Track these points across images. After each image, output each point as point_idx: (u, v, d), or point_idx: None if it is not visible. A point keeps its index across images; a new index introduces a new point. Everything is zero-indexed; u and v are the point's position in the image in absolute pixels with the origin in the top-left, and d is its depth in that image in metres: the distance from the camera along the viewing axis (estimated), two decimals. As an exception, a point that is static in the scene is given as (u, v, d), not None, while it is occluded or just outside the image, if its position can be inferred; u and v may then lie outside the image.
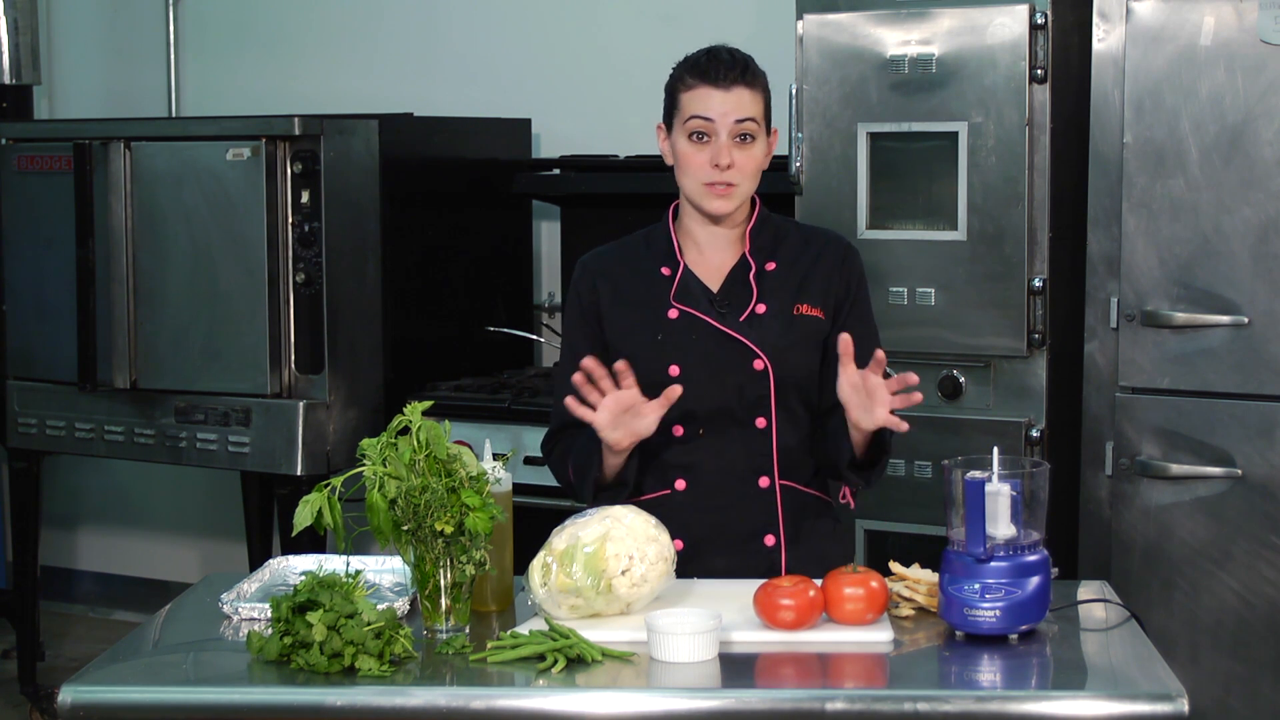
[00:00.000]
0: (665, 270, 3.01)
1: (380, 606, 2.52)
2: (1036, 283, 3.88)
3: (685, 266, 3.01)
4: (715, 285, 3.00)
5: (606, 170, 4.96)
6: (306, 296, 4.58)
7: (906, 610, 2.66)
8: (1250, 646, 3.75)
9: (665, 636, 2.45)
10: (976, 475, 2.52)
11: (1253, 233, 3.69)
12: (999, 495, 2.52)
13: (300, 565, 2.91)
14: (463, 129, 5.10)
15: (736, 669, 2.45)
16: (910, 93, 3.95)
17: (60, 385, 4.94)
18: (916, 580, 2.68)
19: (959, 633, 2.54)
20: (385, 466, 2.57)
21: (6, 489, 5.78)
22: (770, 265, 3.00)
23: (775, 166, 3.12)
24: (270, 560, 2.97)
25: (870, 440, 2.85)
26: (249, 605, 2.70)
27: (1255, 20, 3.65)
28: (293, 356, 4.61)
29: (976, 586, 2.51)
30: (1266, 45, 3.65)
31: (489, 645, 2.51)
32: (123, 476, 6.08)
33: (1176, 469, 3.78)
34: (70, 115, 6.12)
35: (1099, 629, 2.64)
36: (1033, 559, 2.53)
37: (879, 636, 2.54)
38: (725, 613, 2.54)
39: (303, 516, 2.57)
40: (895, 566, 2.73)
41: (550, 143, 5.29)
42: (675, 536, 2.82)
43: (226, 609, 2.71)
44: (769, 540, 2.97)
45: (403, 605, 2.67)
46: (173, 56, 5.91)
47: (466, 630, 2.60)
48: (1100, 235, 3.87)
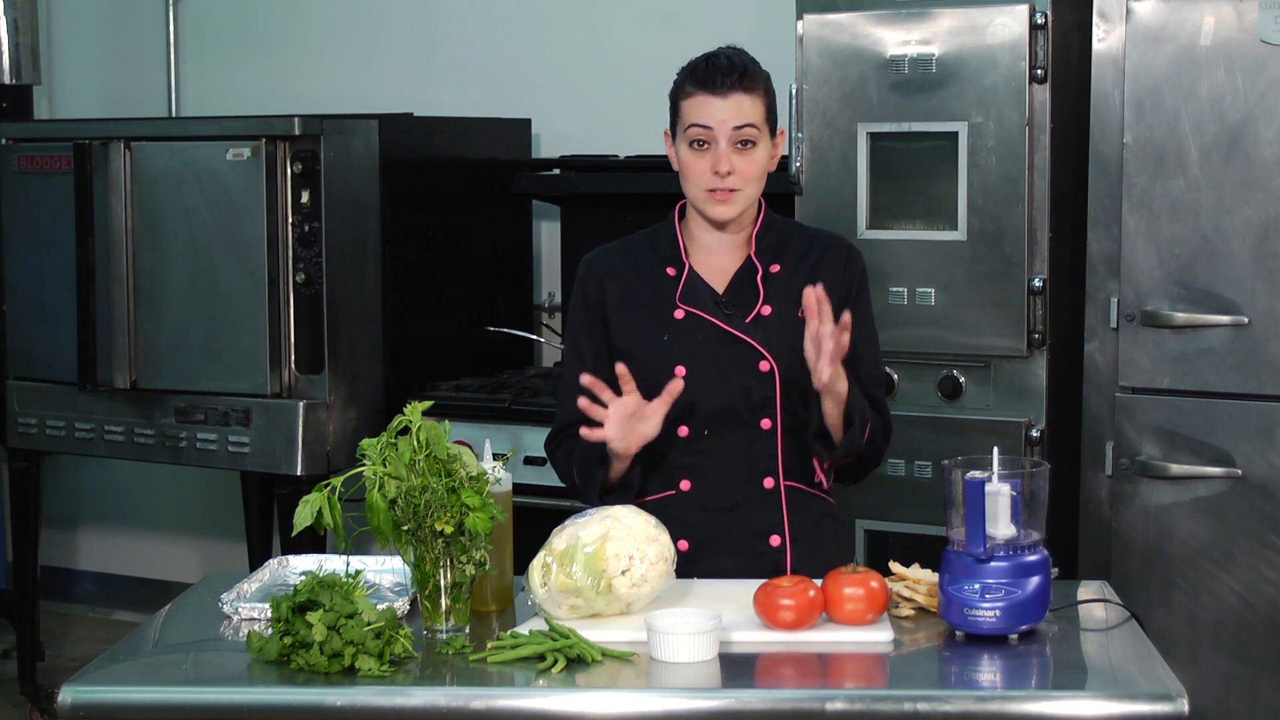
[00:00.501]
0: (670, 271, 3.01)
1: (380, 606, 2.52)
2: (1036, 283, 3.88)
3: (690, 268, 3.01)
4: (720, 287, 3.00)
5: (606, 170, 4.96)
6: (306, 296, 4.57)
7: (906, 610, 2.66)
8: (1250, 646, 3.74)
9: (665, 636, 2.45)
10: (976, 475, 2.52)
11: (1253, 233, 3.69)
12: (999, 495, 2.52)
13: (300, 565, 2.91)
14: (463, 129, 5.10)
15: (736, 669, 2.45)
16: (910, 93, 3.95)
17: (60, 385, 4.93)
18: (916, 580, 2.68)
19: (959, 633, 2.54)
20: (385, 466, 2.57)
21: (6, 489, 5.78)
22: (775, 267, 3.00)
23: (775, 166, 3.12)
24: (270, 560, 2.97)
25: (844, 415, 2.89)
26: (249, 605, 2.70)
27: (1255, 20, 3.65)
28: (293, 356, 4.60)
29: (976, 586, 2.51)
30: (1266, 45, 3.65)
31: (489, 645, 2.51)
32: (123, 476, 6.08)
33: (1176, 469, 3.78)
34: (70, 115, 6.11)
35: (1099, 629, 2.63)
36: (1033, 559, 2.53)
37: (879, 636, 2.54)
38: (725, 613, 2.54)
39: (303, 516, 2.57)
40: (895, 566, 2.73)
41: (550, 143, 5.28)
42: (680, 537, 2.82)
43: (226, 609, 2.71)
44: (774, 540, 2.97)
45: (403, 605, 2.66)
46: (173, 56, 5.91)
47: (466, 630, 2.60)
48: (1100, 235, 3.87)
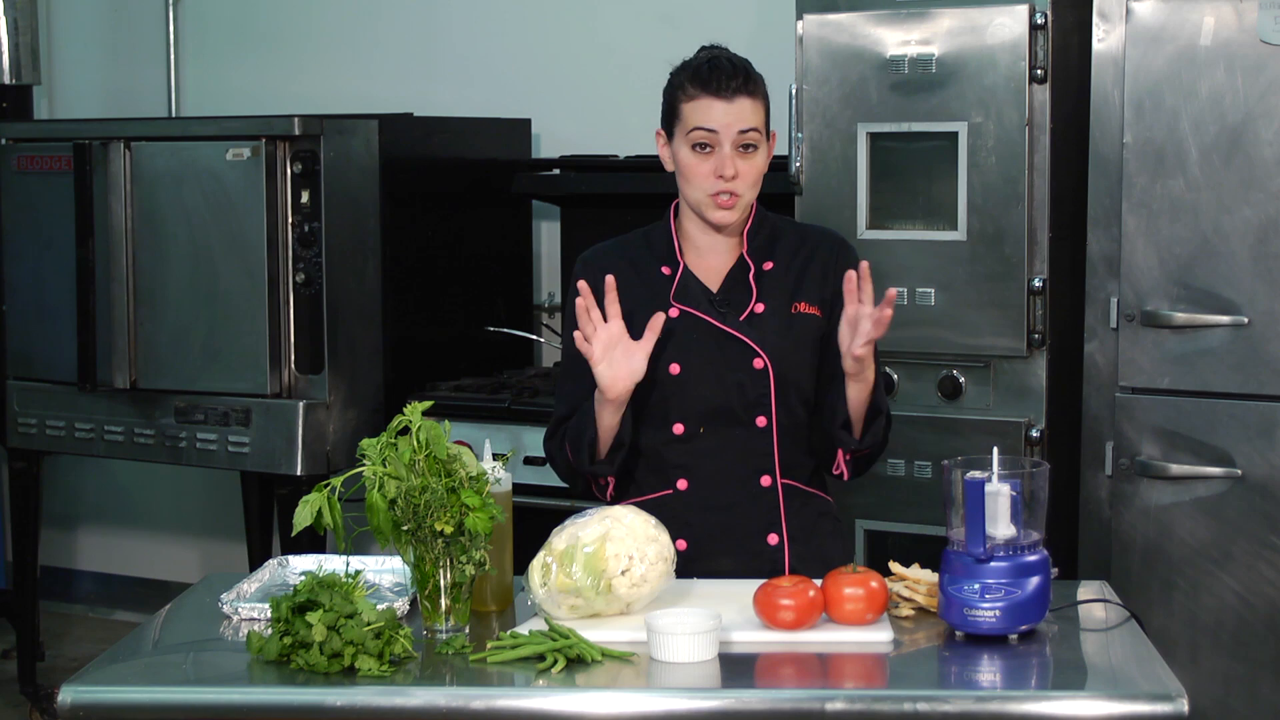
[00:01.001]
0: (665, 269, 3.02)
1: (380, 606, 2.52)
2: (1036, 283, 3.88)
3: (685, 266, 3.01)
4: (714, 285, 3.01)
5: (606, 170, 4.96)
6: (306, 296, 4.57)
7: (906, 610, 2.66)
8: (1250, 646, 3.74)
9: (665, 636, 2.45)
10: (976, 475, 2.52)
11: (1253, 233, 3.69)
12: (999, 495, 2.52)
13: (300, 565, 2.91)
14: (462, 129, 5.10)
15: (736, 669, 2.45)
16: (910, 93, 3.95)
17: (60, 385, 4.93)
18: (916, 580, 2.68)
19: (959, 633, 2.54)
20: (385, 466, 2.57)
21: (6, 489, 5.78)
22: (768, 265, 3.01)
23: (775, 166, 3.13)
24: (270, 560, 2.97)
25: (868, 404, 2.90)
26: (249, 605, 2.70)
27: (1255, 20, 3.65)
28: (292, 356, 4.60)
29: (976, 586, 2.51)
30: (1266, 45, 3.65)
31: (489, 645, 2.51)
32: (123, 476, 6.08)
33: (1176, 469, 3.78)
34: (70, 115, 6.11)
35: (1099, 629, 2.63)
36: (1032, 559, 2.53)
37: (879, 636, 2.54)
38: (725, 613, 2.54)
39: (303, 516, 2.57)
40: (895, 566, 2.73)
41: (550, 143, 5.28)
42: (678, 537, 2.82)
43: (226, 609, 2.71)
44: (772, 539, 2.97)
45: (403, 605, 2.66)
46: (173, 56, 5.90)
47: (466, 630, 2.60)
48: (1100, 235, 3.87)
